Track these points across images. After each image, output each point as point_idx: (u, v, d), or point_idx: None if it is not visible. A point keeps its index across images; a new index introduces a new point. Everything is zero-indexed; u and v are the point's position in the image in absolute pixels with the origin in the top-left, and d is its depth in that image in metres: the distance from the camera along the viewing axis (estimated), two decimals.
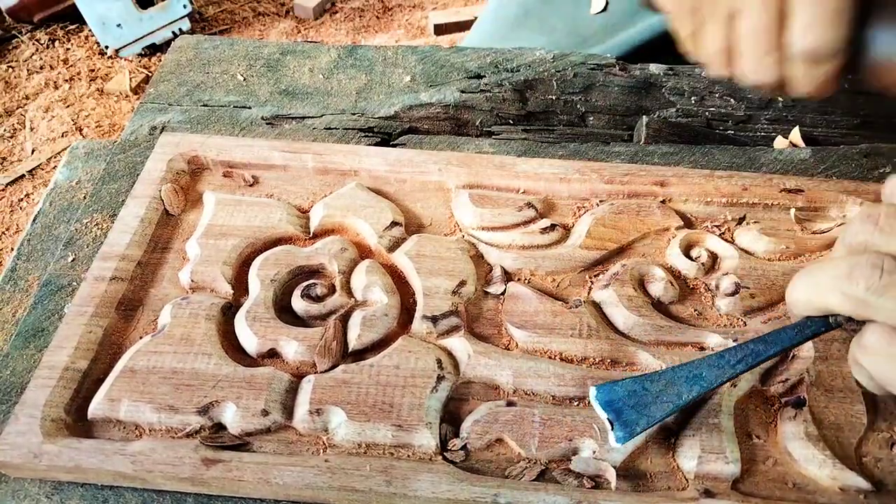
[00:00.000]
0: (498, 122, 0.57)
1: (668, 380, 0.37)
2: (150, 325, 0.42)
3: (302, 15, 1.87)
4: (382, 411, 0.38)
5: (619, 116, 0.58)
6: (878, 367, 0.31)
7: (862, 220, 0.32)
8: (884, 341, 0.30)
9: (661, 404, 0.36)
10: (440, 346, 0.41)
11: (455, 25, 1.77)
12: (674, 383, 0.36)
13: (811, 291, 0.33)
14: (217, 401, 0.38)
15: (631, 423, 0.36)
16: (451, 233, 0.47)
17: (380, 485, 0.35)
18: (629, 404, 0.36)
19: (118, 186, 0.51)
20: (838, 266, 0.31)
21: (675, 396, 0.36)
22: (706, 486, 0.36)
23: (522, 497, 0.35)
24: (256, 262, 0.44)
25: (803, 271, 0.34)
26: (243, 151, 0.50)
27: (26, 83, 1.64)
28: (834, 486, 0.36)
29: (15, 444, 0.36)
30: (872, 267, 0.30)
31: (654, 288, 0.44)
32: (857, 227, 0.32)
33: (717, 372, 0.36)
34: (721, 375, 0.36)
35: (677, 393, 0.36)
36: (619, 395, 0.36)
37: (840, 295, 0.31)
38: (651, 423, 0.36)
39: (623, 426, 0.36)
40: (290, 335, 0.41)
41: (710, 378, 0.36)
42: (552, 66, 0.60)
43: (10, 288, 0.47)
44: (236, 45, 0.63)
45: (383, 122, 0.56)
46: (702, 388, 0.36)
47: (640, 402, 0.36)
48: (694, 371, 0.36)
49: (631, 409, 0.36)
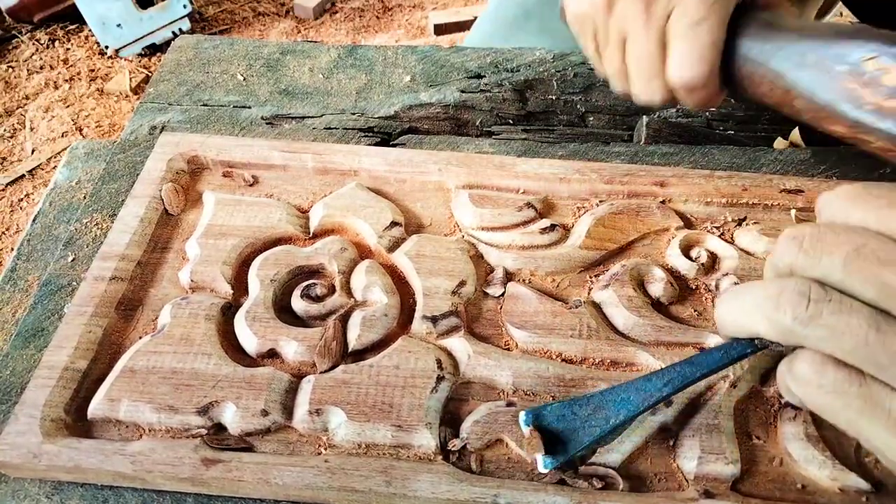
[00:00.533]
0: (498, 122, 0.57)
1: (596, 404, 0.36)
2: (150, 325, 0.42)
3: (302, 15, 1.87)
4: (382, 412, 0.38)
5: (619, 116, 0.58)
6: (811, 399, 0.30)
7: (787, 241, 0.31)
8: (814, 372, 0.29)
9: (588, 429, 0.36)
10: (440, 346, 0.41)
11: (455, 25, 1.77)
12: (602, 407, 0.36)
13: (739, 315, 0.32)
14: (217, 401, 0.38)
15: (560, 448, 0.36)
16: (451, 233, 0.47)
17: (379, 485, 0.35)
18: (558, 429, 0.36)
19: (118, 186, 0.51)
20: (766, 291, 0.30)
21: (602, 421, 0.36)
22: (706, 486, 0.36)
23: (522, 497, 0.35)
24: (256, 262, 0.44)
25: (731, 292, 0.33)
26: (243, 151, 0.50)
27: (26, 83, 1.64)
28: (834, 487, 0.36)
29: (15, 444, 0.36)
30: (799, 295, 0.29)
31: (654, 288, 0.44)
32: (783, 249, 0.31)
33: (645, 395, 0.35)
34: (648, 399, 0.35)
35: (605, 417, 0.36)
36: (548, 420, 0.36)
37: (767, 322, 0.30)
38: (578, 448, 0.35)
39: (552, 451, 0.36)
40: (289, 335, 0.41)
41: (637, 401, 0.35)
42: (552, 66, 0.60)
43: (10, 288, 0.47)
44: (236, 44, 0.63)
45: (383, 122, 0.56)
46: (629, 412, 0.35)
47: (569, 426, 0.36)
48: (621, 395, 0.36)
49: (560, 434, 0.36)
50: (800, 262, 0.30)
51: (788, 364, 0.31)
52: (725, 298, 0.33)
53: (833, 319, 0.28)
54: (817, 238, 0.30)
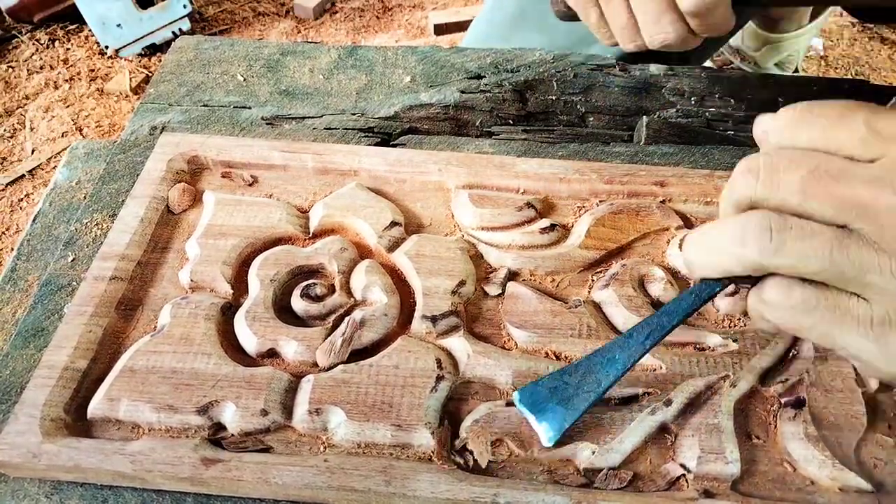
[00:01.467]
0: (498, 123, 0.57)
1: (585, 369, 0.37)
2: (150, 324, 0.42)
3: (302, 15, 1.87)
4: (382, 411, 0.38)
5: (619, 116, 0.58)
6: (783, 320, 0.32)
7: (744, 175, 0.32)
8: (783, 296, 0.31)
9: (583, 395, 0.36)
10: (440, 345, 0.41)
11: (455, 25, 1.77)
12: (591, 371, 0.37)
13: (707, 256, 0.33)
14: (216, 400, 0.38)
15: (558, 419, 0.36)
16: (451, 233, 0.47)
17: (379, 485, 0.35)
18: (553, 402, 0.37)
19: (118, 186, 0.51)
20: (729, 229, 0.31)
21: (594, 384, 0.36)
22: (706, 486, 0.36)
23: (522, 497, 0.35)
24: (256, 261, 0.44)
25: (695, 236, 0.34)
26: (243, 151, 0.50)
27: (26, 83, 1.64)
28: (834, 487, 0.36)
29: (14, 444, 0.36)
30: (762, 229, 0.30)
31: (654, 288, 0.44)
32: (741, 183, 0.32)
33: (629, 352, 0.36)
34: (633, 354, 0.36)
35: (596, 381, 0.36)
36: (542, 395, 0.37)
37: (735, 259, 0.31)
38: (577, 416, 0.36)
39: (551, 424, 0.36)
40: (289, 335, 0.41)
41: (624, 359, 0.36)
42: (552, 66, 0.60)
43: (10, 288, 0.47)
44: (236, 45, 0.63)
45: (383, 122, 0.56)
46: (617, 370, 0.36)
47: (563, 396, 0.37)
48: (607, 355, 0.37)
49: (556, 406, 0.36)
50: (759, 194, 0.31)
51: (757, 294, 0.32)
52: (691, 242, 0.34)
53: (797, 246, 0.29)
54: (772, 168, 0.31)
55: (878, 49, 1.62)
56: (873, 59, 1.60)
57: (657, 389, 0.39)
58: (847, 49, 1.62)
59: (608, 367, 0.36)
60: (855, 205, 0.29)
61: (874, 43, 1.63)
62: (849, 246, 0.29)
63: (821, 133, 0.31)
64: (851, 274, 0.29)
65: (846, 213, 0.29)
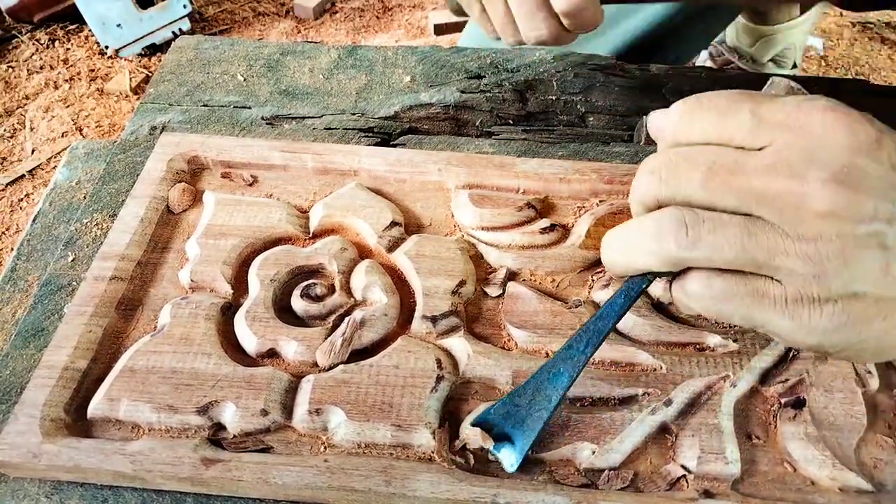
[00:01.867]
0: (498, 122, 0.57)
1: (533, 388, 0.37)
2: (150, 324, 0.42)
3: (302, 15, 1.87)
4: (382, 411, 0.38)
5: (619, 116, 0.58)
6: (707, 309, 0.33)
7: (646, 177, 0.33)
8: (704, 287, 0.32)
9: (535, 415, 0.36)
10: (440, 346, 0.41)
11: (455, 25, 1.77)
12: (539, 389, 0.36)
13: (626, 255, 0.34)
14: (216, 400, 0.38)
15: (518, 444, 0.36)
16: (451, 233, 0.47)
17: (379, 485, 0.35)
18: (507, 426, 0.36)
19: (118, 186, 0.51)
20: (645, 227, 0.32)
21: (545, 402, 0.36)
22: (706, 486, 0.36)
23: (522, 497, 0.35)
24: (256, 261, 0.44)
25: (612, 237, 0.35)
26: (243, 151, 0.50)
27: (26, 83, 1.64)
28: (834, 487, 0.36)
29: (14, 444, 0.36)
30: (677, 224, 0.31)
31: (654, 288, 0.43)
32: (646, 185, 0.33)
33: (573, 362, 0.36)
34: (577, 364, 0.36)
35: (546, 397, 0.36)
36: (496, 421, 0.37)
37: (654, 256, 0.32)
38: (534, 436, 0.36)
39: (511, 450, 0.36)
40: (289, 335, 0.41)
41: (569, 370, 0.36)
42: (552, 66, 0.60)
43: (9, 288, 0.47)
44: (236, 45, 0.63)
45: (383, 122, 0.56)
46: (564, 383, 0.36)
47: (517, 419, 0.36)
48: (552, 370, 0.36)
49: (512, 430, 0.36)
50: (664, 193, 0.32)
51: (680, 286, 0.33)
52: (609, 243, 0.35)
53: (712, 238, 0.30)
54: (672, 167, 0.32)
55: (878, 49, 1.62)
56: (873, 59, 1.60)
57: (657, 389, 0.39)
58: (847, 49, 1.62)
59: (555, 381, 0.36)
60: (753, 194, 0.30)
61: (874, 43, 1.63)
62: (756, 233, 0.30)
63: (712, 126, 0.32)
64: (763, 259, 0.30)
65: (747, 202, 0.30)
